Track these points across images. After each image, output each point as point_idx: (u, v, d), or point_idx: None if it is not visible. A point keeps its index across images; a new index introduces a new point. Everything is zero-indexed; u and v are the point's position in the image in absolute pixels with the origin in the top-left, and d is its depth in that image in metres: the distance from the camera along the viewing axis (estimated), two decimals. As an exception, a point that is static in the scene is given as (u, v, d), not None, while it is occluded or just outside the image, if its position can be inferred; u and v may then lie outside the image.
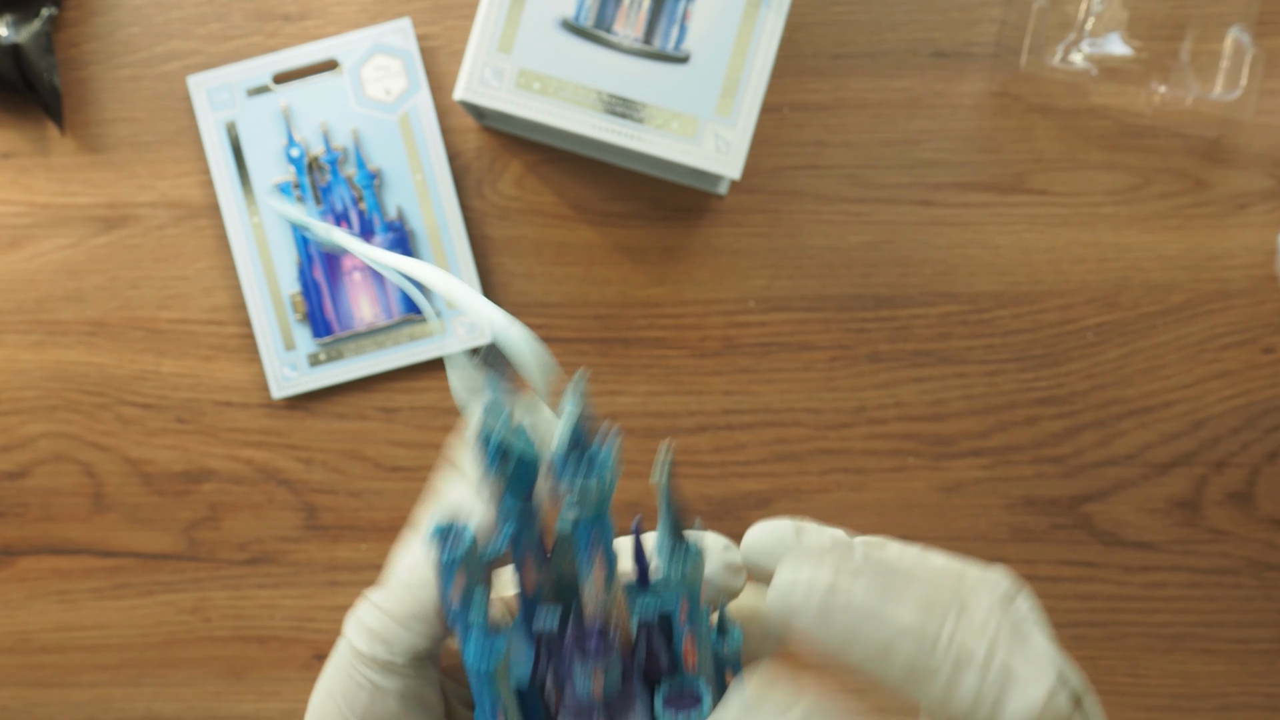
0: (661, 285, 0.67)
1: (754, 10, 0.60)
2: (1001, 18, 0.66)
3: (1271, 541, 0.67)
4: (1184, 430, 0.66)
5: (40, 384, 0.67)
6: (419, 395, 0.67)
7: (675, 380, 0.67)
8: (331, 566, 0.67)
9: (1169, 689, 0.67)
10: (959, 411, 0.67)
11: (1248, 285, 0.66)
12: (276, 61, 0.66)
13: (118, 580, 0.68)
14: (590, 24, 0.60)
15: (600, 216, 0.67)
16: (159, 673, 0.68)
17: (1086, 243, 0.66)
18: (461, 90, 0.60)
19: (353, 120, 0.66)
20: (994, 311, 0.66)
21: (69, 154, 0.67)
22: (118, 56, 0.67)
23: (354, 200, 0.66)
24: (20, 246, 0.67)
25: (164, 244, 0.67)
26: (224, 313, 0.67)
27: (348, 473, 0.67)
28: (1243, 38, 0.62)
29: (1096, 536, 0.67)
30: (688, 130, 0.60)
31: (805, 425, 0.67)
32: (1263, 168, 0.66)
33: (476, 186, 0.67)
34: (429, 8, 0.66)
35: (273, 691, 0.68)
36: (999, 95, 0.66)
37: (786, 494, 0.67)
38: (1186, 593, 0.67)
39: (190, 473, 0.67)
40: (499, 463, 0.33)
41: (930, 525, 0.67)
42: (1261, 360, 0.66)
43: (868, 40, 0.66)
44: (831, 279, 0.67)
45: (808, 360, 0.67)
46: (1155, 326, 0.66)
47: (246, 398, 0.67)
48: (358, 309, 0.66)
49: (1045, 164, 0.66)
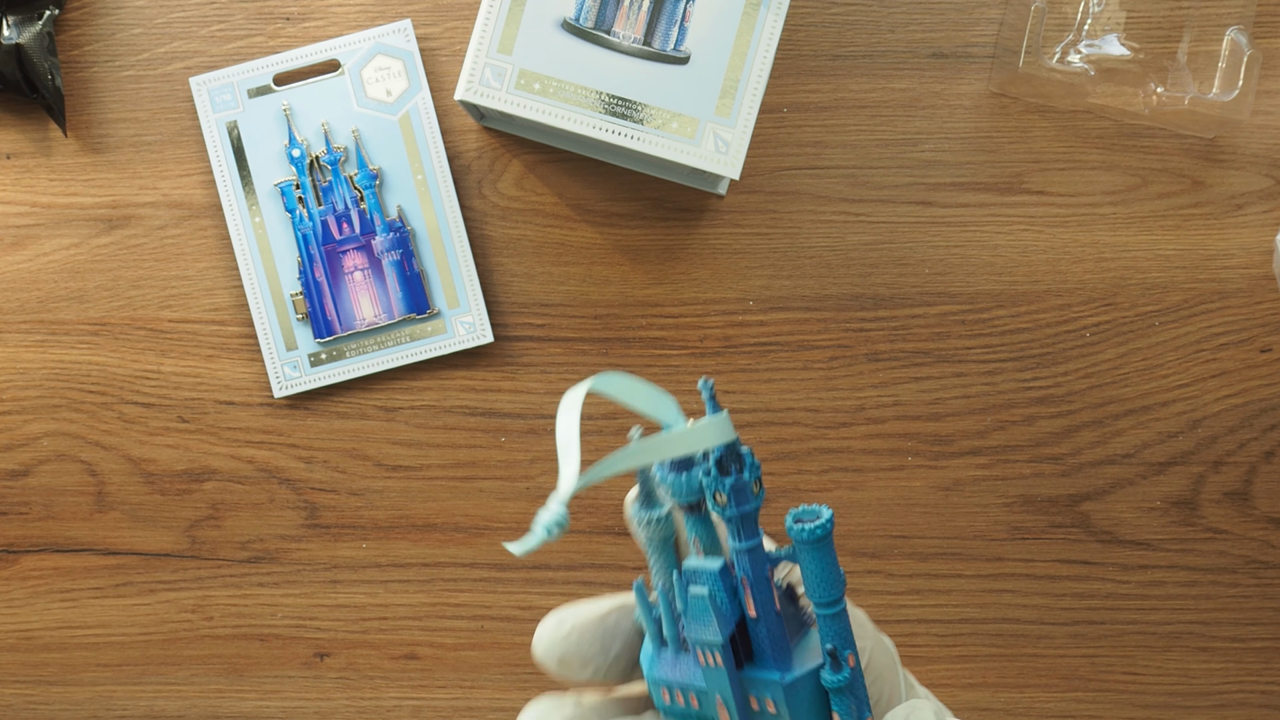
0: (661, 285, 0.67)
1: (753, 11, 0.60)
2: (999, 19, 0.66)
3: (1268, 540, 0.67)
4: (1181, 429, 0.67)
5: (43, 383, 0.68)
6: (420, 394, 0.67)
7: (675, 380, 0.67)
8: (333, 565, 0.68)
9: (1166, 687, 0.67)
10: (957, 411, 0.67)
11: (1245, 285, 0.67)
12: (278, 62, 0.66)
13: (120, 579, 0.68)
14: (590, 25, 0.60)
15: (600, 216, 0.67)
16: (161, 671, 0.68)
17: (1084, 243, 0.67)
18: (462, 91, 0.60)
19: (354, 121, 0.66)
20: (992, 311, 0.67)
21: (71, 154, 0.67)
22: (120, 57, 0.67)
23: (355, 200, 0.66)
24: (23, 247, 0.67)
25: (166, 244, 0.67)
26: (225, 312, 0.67)
27: (349, 471, 0.67)
28: (1240, 38, 0.63)
29: (1094, 535, 0.67)
30: (687, 130, 0.60)
31: (804, 424, 0.67)
32: (1260, 168, 0.66)
33: (476, 186, 0.67)
34: (429, 9, 0.67)
35: (274, 690, 0.68)
36: (997, 96, 0.67)
37: (785, 493, 0.67)
38: (1184, 591, 0.67)
39: (192, 472, 0.68)
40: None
41: (929, 524, 0.67)
42: (1258, 360, 0.67)
43: (867, 41, 0.67)
44: (830, 279, 0.67)
45: (807, 360, 0.67)
46: (1153, 326, 0.67)
47: (248, 397, 0.67)
48: (358, 308, 0.67)
49: (1043, 164, 0.67)
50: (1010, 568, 0.67)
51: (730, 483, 0.37)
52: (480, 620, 0.68)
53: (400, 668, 0.68)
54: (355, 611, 0.68)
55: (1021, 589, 0.67)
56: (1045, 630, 0.67)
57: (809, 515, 0.38)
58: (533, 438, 0.67)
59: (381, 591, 0.68)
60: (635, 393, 0.38)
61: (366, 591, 0.68)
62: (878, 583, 0.67)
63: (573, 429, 0.36)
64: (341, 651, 0.68)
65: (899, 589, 0.67)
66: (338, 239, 0.66)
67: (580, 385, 0.37)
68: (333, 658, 0.68)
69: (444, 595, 0.68)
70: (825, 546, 0.37)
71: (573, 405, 0.36)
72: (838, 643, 0.38)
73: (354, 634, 0.68)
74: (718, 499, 0.37)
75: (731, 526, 0.38)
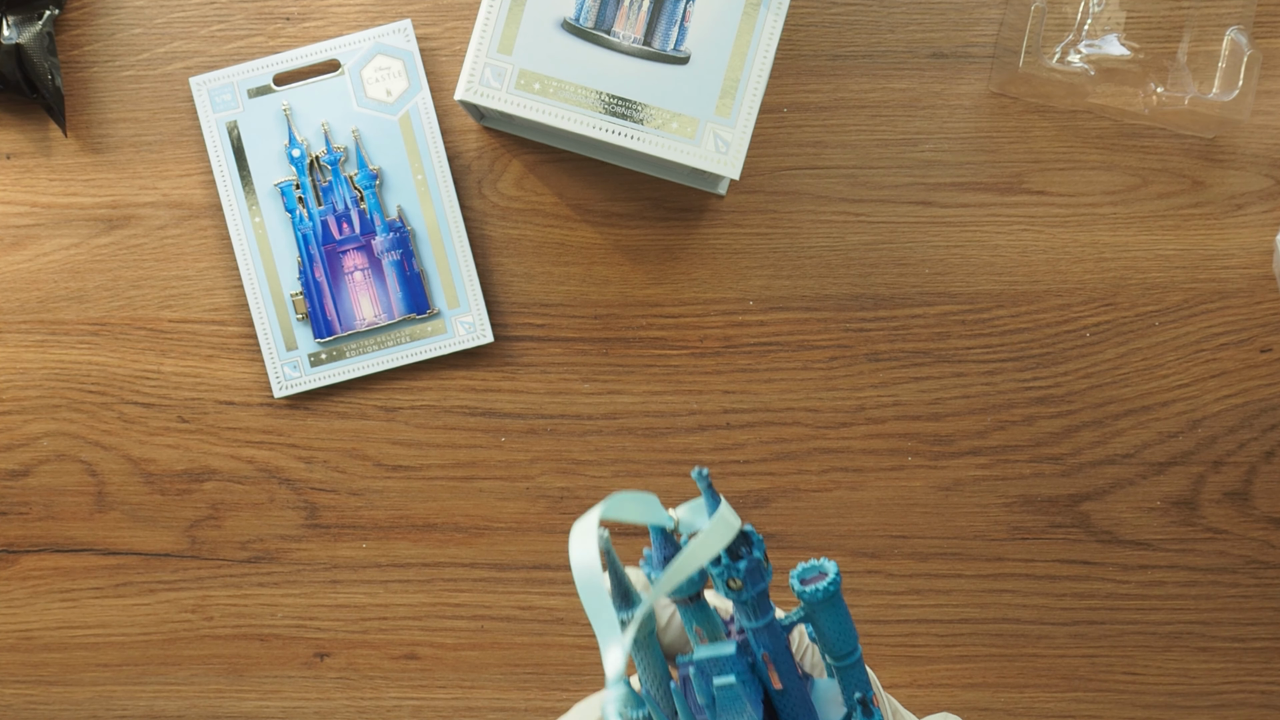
0: (661, 285, 0.67)
1: (753, 11, 0.60)
2: (999, 19, 0.66)
3: (1268, 540, 0.67)
4: (1181, 429, 0.67)
5: (43, 383, 0.68)
6: (419, 394, 0.67)
7: (675, 380, 0.67)
8: (333, 565, 0.68)
9: (1166, 687, 0.67)
10: (957, 411, 0.67)
11: (1245, 285, 0.67)
12: (278, 62, 0.66)
13: (120, 579, 0.68)
14: (590, 25, 0.60)
15: (600, 216, 0.67)
16: (161, 671, 0.68)
17: (1084, 243, 0.67)
18: (462, 91, 0.60)
19: (354, 121, 0.66)
20: (992, 311, 0.67)
21: (71, 154, 0.67)
22: (120, 57, 0.67)
23: (355, 200, 0.66)
24: (23, 247, 0.67)
25: (166, 244, 0.67)
26: (225, 312, 0.67)
27: (349, 471, 0.67)
28: (1240, 38, 0.63)
29: (1094, 535, 0.67)
30: (687, 130, 0.60)
31: (804, 424, 0.67)
32: (1259, 168, 0.66)
33: (476, 186, 0.67)
34: (429, 9, 0.67)
35: (274, 690, 0.68)
36: (997, 96, 0.67)
37: (785, 493, 0.67)
38: (1184, 591, 0.67)
39: (192, 471, 0.68)
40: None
41: (929, 524, 0.67)
42: (1258, 360, 0.67)
43: (867, 41, 0.67)
44: (830, 279, 0.67)
45: (807, 360, 0.67)
46: (1153, 326, 0.67)
47: (248, 397, 0.67)
48: (358, 308, 0.67)
49: (1043, 164, 0.67)
50: (1010, 568, 0.67)
51: (744, 565, 0.36)
52: (480, 620, 0.68)
53: (400, 668, 0.68)
54: (355, 611, 0.68)
55: (1021, 589, 0.67)
56: (1045, 630, 0.67)
57: (813, 572, 0.37)
58: (533, 438, 0.67)
59: (381, 591, 0.68)
60: (621, 509, 0.37)
61: (366, 591, 0.68)
62: (878, 583, 0.67)
63: (604, 603, 0.35)
64: (341, 651, 0.68)
65: (899, 589, 0.67)
66: (338, 239, 0.66)
67: (581, 534, 0.36)
68: (333, 658, 0.68)
69: (444, 595, 0.68)
70: (838, 602, 0.37)
71: (588, 569, 0.35)
72: (862, 689, 0.37)
73: (354, 634, 0.68)
74: (732, 585, 0.37)
75: (746, 607, 0.37)
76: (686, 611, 0.38)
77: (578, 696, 0.68)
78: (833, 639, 0.37)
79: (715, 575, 0.37)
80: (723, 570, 0.37)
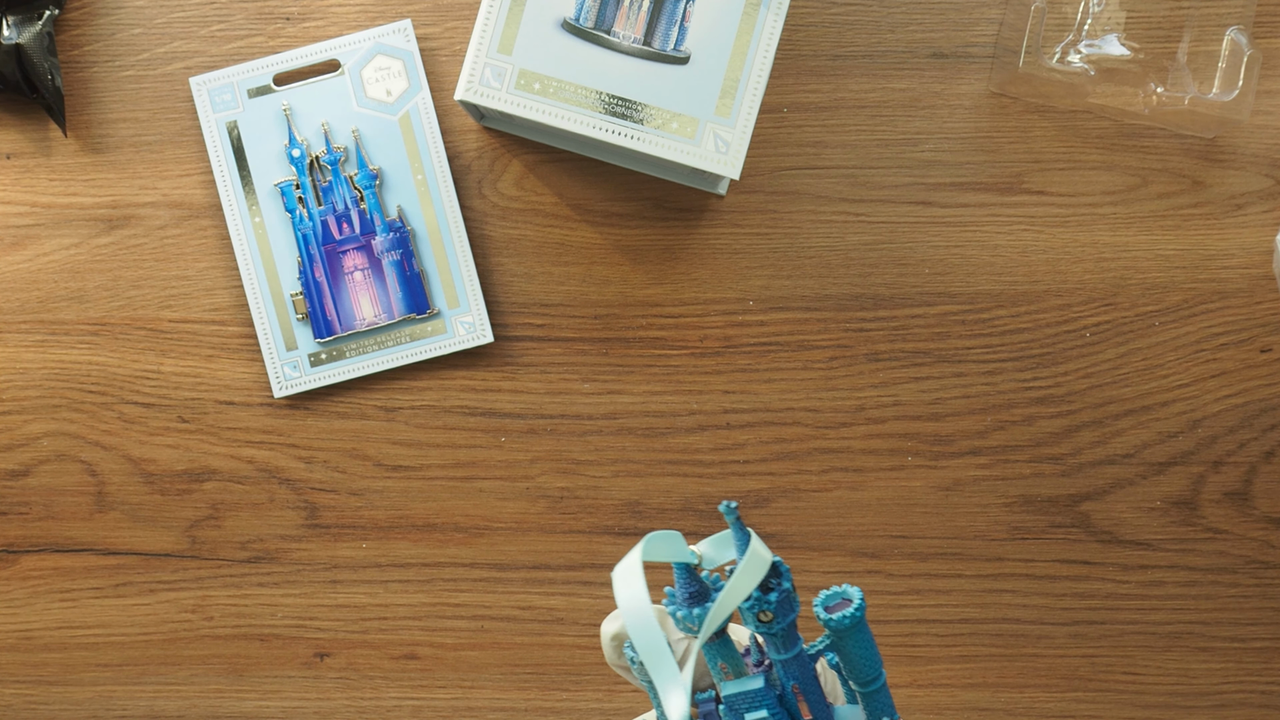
0: (661, 285, 0.67)
1: (753, 11, 0.60)
2: (999, 19, 0.66)
3: (1268, 540, 0.67)
4: (1181, 429, 0.67)
5: (43, 383, 0.68)
6: (419, 394, 0.67)
7: (675, 380, 0.67)
8: (333, 565, 0.68)
9: (1166, 687, 0.67)
10: (957, 411, 0.67)
11: (1245, 285, 0.67)
12: (278, 62, 0.66)
13: (120, 579, 0.68)
14: (590, 25, 0.60)
15: (600, 216, 0.67)
16: (161, 671, 0.68)
17: (1084, 243, 0.67)
18: (462, 91, 0.60)
19: (354, 121, 0.66)
20: (992, 311, 0.67)
21: (71, 155, 0.67)
22: (120, 57, 0.67)
23: (355, 200, 0.66)
24: (23, 247, 0.67)
25: (166, 244, 0.67)
26: (225, 312, 0.67)
27: (349, 471, 0.67)
28: (1240, 38, 0.63)
29: (1094, 535, 0.67)
30: (687, 131, 0.60)
31: (804, 424, 0.67)
32: (1259, 168, 0.66)
33: (476, 186, 0.67)
34: (430, 9, 0.67)
35: (274, 689, 0.68)
36: (997, 96, 0.67)
37: (785, 493, 0.67)
38: (1184, 591, 0.67)
39: (192, 472, 0.68)
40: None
41: (929, 524, 0.67)
42: (1258, 360, 0.67)
43: (867, 41, 0.67)
44: (830, 279, 0.67)
45: (807, 360, 0.67)
46: (1153, 326, 0.67)
47: (248, 397, 0.67)
48: (358, 308, 0.67)
49: (1043, 164, 0.67)
50: (1010, 568, 0.67)
51: (775, 598, 0.36)
52: (480, 620, 0.68)
53: (400, 668, 0.68)
54: (355, 611, 0.68)
55: (1021, 589, 0.67)
56: (1045, 630, 0.67)
57: (836, 599, 0.37)
58: (533, 438, 0.67)
59: (381, 591, 0.68)
60: (655, 550, 0.37)
61: (366, 591, 0.68)
62: (878, 583, 0.67)
63: (659, 644, 0.35)
64: (341, 651, 0.68)
65: (899, 589, 0.67)
66: (338, 239, 0.66)
67: (625, 575, 0.36)
68: (333, 658, 0.68)
69: (444, 595, 0.68)
70: (863, 628, 0.37)
71: (639, 611, 0.35)
72: (888, 714, 0.37)
73: (354, 634, 0.68)
74: (762, 618, 0.37)
75: (776, 639, 0.37)
76: (710, 649, 0.38)
77: (577, 696, 0.68)
78: (859, 664, 0.37)
79: (744, 610, 0.37)
80: (753, 604, 0.36)
